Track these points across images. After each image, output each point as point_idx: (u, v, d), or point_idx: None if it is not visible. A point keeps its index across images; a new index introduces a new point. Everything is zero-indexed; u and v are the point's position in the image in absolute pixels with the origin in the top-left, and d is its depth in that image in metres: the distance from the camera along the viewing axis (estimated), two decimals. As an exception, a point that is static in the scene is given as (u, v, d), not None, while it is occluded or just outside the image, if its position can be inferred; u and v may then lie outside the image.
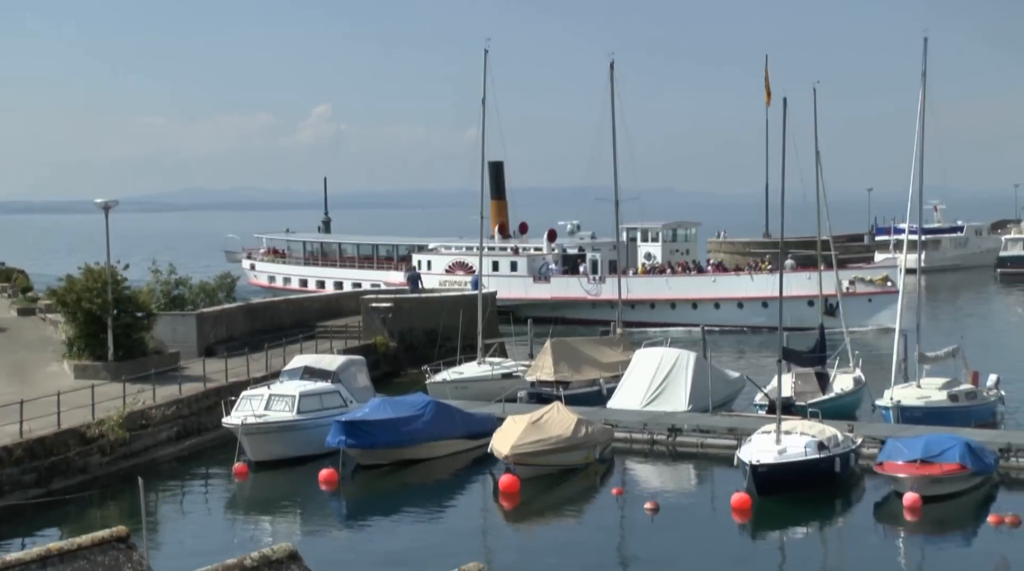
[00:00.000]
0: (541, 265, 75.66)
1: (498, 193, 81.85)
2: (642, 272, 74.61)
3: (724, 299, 69.67)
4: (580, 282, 73.50)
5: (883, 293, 66.66)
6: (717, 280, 70.95)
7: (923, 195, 43.85)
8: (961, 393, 39.25)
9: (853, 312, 61.95)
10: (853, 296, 64.74)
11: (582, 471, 34.49)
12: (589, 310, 68.82)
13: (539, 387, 43.24)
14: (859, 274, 68.46)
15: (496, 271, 74.50)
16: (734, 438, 35.11)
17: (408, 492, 33.87)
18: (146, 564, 10.33)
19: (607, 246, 74.81)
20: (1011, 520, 28.35)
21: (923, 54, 42.39)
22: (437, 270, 78.75)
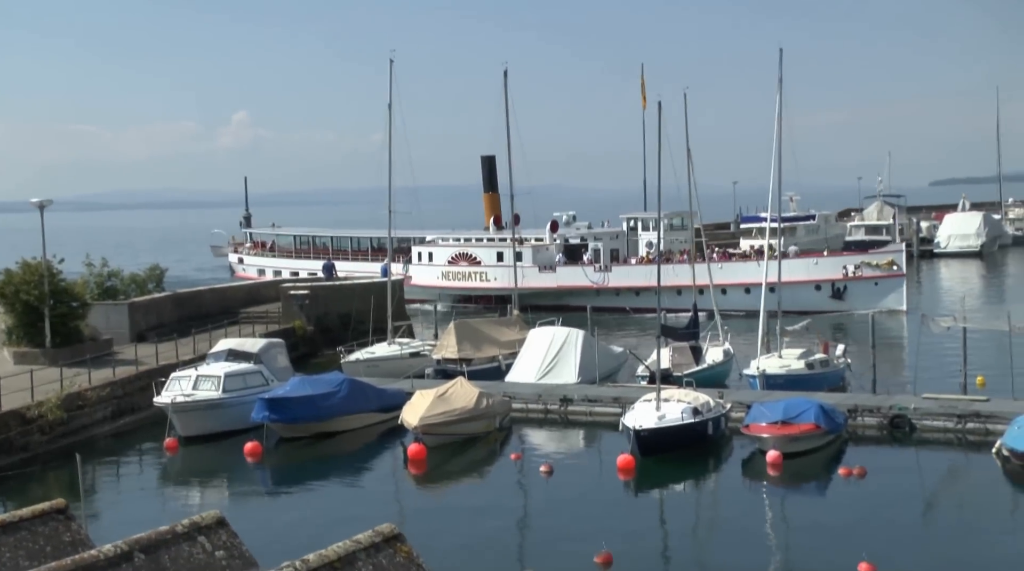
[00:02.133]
0: (555, 255, 71.24)
1: (491, 186, 77.79)
2: (646, 260, 69.42)
3: (731, 285, 65.34)
4: (585, 271, 69.55)
5: (889, 277, 64.27)
6: (724, 267, 66.16)
7: (781, 188, 44.68)
8: (816, 362, 40.14)
9: (860, 295, 62.51)
10: (860, 280, 63.73)
11: (484, 439, 34.61)
12: (593, 298, 63.59)
13: (444, 364, 43.29)
14: (866, 259, 65.65)
15: (501, 262, 70.59)
16: (619, 406, 35.46)
17: (326, 462, 33.69)
18: (84, 533, 10.15)
19: (608, 236, 73.20)
20: (858, 472, 29.13)
21: (779, 63, 43.19)
22: (439, 262, 73.71)
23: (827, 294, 63.89)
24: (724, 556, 23.93)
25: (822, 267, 65.17)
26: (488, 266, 71.39)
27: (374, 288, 52.08)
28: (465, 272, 71.70)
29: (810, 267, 65.17)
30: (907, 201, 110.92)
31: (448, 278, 72.53)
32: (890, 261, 64.57)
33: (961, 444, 32.28)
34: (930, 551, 23.42)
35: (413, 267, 74.29)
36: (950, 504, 27.52)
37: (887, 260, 64.73)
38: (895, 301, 62.67)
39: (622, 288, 67.45)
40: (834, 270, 64.98)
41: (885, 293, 63.51)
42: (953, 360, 40.57)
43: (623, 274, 69.10)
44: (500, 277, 69.14)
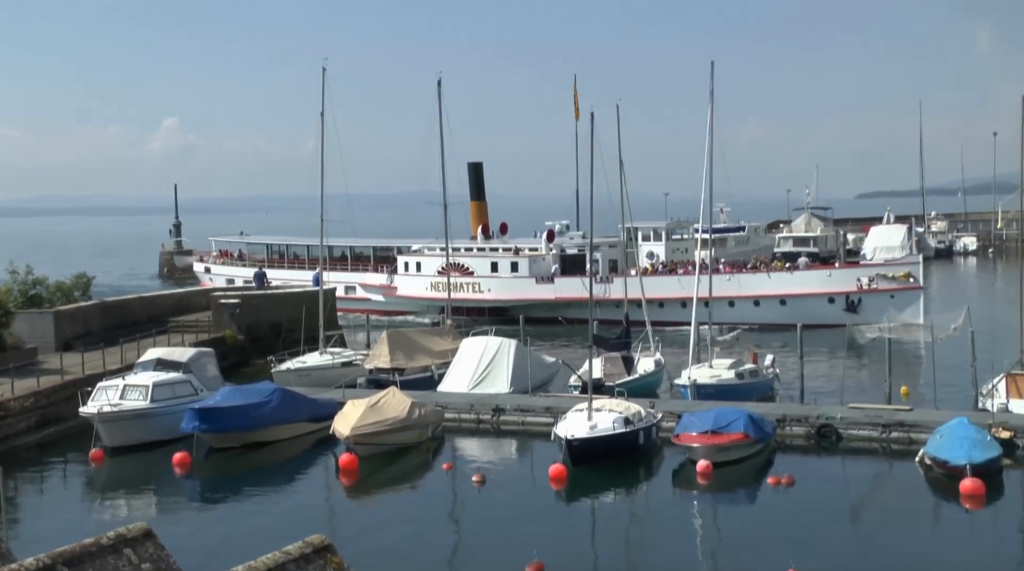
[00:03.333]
0: (551, 266, 68.69)
1: (478, 194, 75.21)
2: (650, 271, 66.88)
3: (740, 297, 62.76)
4: (584, 282, 65.03)
5: (906, 289, 61.12)
6: (732, 278, 63.49)
7: (712, 199, 45.15)
8: (745, 372, 40.59)
9: (876, 308, 58.41)
10: (875, 292, 60.79)
11: (416, 449, 34.48)
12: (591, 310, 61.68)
13: (377, 374, 43.07)
14: (881, 271, 62.59)
15: (495, 272, 68.40)
16: (551, 416, 35.52)
17: (257, 472, 33.32)
18: (4, 547, 9.93)
19: (606, 246, 70.13)
20: (786, 481, 29.47)
21: (711, 76, 43.67)
22: (428, 272, 70.45)
23: (840, 307, 61.16)
24: (655, 565, 24.06)
25: (835, 279, 62.83)
26: (482, 277, 68.68)
27: (306, 297, 51.72)
28: (456, 283, 67.62)
29: (823, 279, 62.98)
30: (834, 213, 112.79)
31: (438, 289, 68.24)
32: (907, 273, 61.85)
33: (886, 453, 32.81)
34: (855, 557, 23.73)
35: (399, 277, 72.27)
36: (875, 512, 27.91)
37: (904, 272, 62.03)
38: (912, 315, 58.19)
39: (620, 299, 63.01)
40: (848, 282, 62.42)
41: (901, 306, 59.60)
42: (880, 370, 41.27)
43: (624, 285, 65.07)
44: (495, 288, 67.11)
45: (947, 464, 28.84)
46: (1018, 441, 31.38)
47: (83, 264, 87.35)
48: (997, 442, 30.26)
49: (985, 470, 28.22)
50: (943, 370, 38.95)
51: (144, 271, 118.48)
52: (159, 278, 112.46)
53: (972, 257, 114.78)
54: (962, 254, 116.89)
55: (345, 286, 74.28)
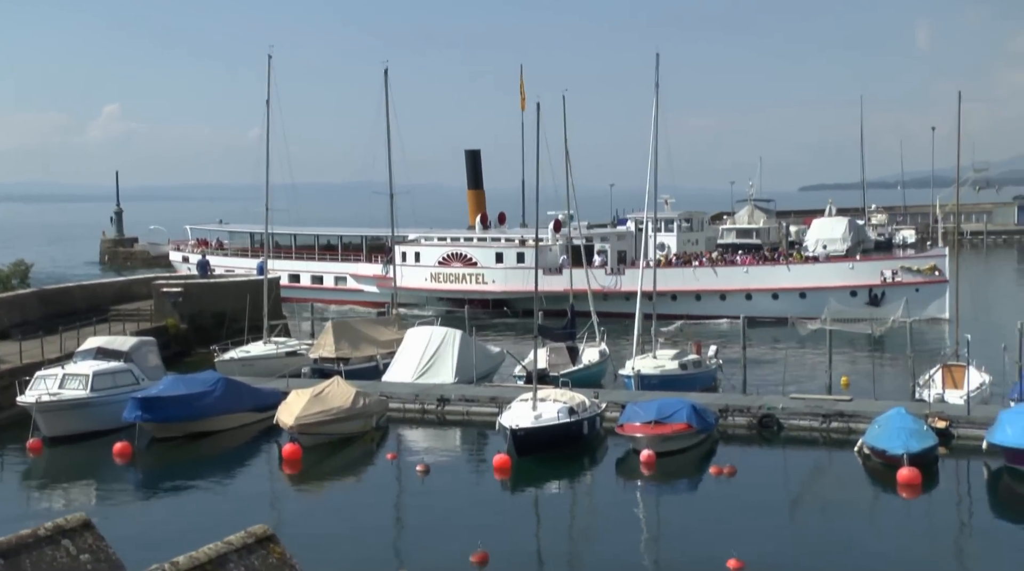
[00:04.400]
0: (559, 256, 65.51)
1: (476, 183, 73.06)
2: (664, 263, 63.81)
3: (758, 290, 60.97)
4: (595, 274, 61.78)
5: (931, 282, 59.41)
6: (750, 271, 61.77)
7: (657, 190, 45.44)
8: (688, 362, 40.91)
9: (899, 302, 55.88)
10: (899, 285, 58.89)
11: (360, 439, 34.39)
12: (601, 303, 55.82)
13: (321, 363, 42.90)
14: (906, 263, 60.85)
15: (500, 263, 65.69)
16: (496, 406, 35.55)
17: (199, 462, 33.02)
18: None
19: (615, 236, 68.51)
20: (728, 471, 29.77)
21: (656, 68, 43.90)
22: (428, 262, 68.18)
23: (863, 301, 59.18)
24: (598, 554, 24.19)
25: (858, 272, 61.01)
26: (486, 268, 66.34)
27: (250, 286, 51.31)
28: (459, 274, 66.24)
29: (845, 272, 61.22)
30: (777, 205, 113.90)
31: (439, 280, 67.30)
32: (932, 266, 60.13)
33: (826, 443, 33.23)
34: (796, 546, 24.05)
35: (396, 268, 68.56)
36: (815, 501, 28.30)
37: (929, 265, 60.32)
38: (937, 309, 57.95)
39: (632, 292, 61.78)
40: (871, 275, 60.74)
41: (926, 300, 58.47)
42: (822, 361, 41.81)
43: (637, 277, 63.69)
44: (499, 279, 64.91)
45: (885, 453, 29.30)
46: (953, 431, 31.94)
47: (21, 251, 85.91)
48: (933, 432, 30.78)
49: (921, 459, 28.71)
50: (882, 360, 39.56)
51: (85, 259, 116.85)
52: (100, 266, 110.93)
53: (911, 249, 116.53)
54: (901, 246, 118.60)
55: (335, 277, 72.59)
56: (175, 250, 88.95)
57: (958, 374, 36.47)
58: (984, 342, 39.68)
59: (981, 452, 29.79)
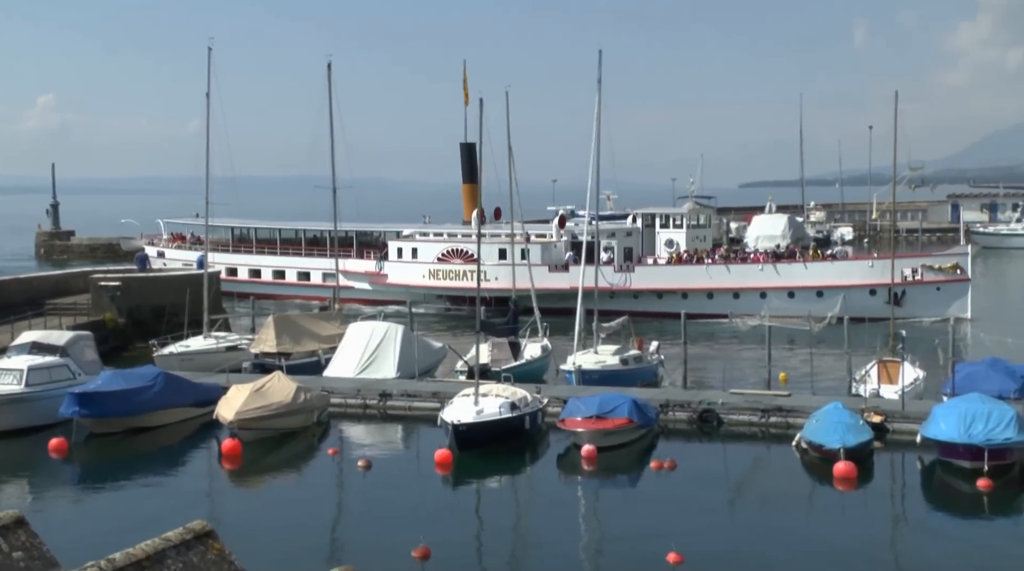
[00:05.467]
0: (564, 253, 64.56)
1: (471, 177, 69.36)
2: (675, 260, 63.39)
3: (773, 288, 59.05)
4: (603, 271, 58.92)
5: (953, 281, 58.03)
6: (764, 268, 60.12)
7: (599, 186, 45.63)
8: (630, 358, 41.14)
9: (921, 301, 56.49)
10: (921, 284, 58.02)
11: (301, 434, 34.21)
12: (606, 301, 54.29)
13: (262, 358, 42.63)
14: (927, 262, 59.20)
15: (503, 260, 62.28)
16: (438, 401, 35.54)
17: (138, 458, 32.66)
18: None
19: (622, 233, 66.60)
20: (668, 465, 30.00)
21: (599, 65, 44.09)
22: (426, 258, 65.83)
23: (883, 299, 56.81)
24: (539, 548, 24.28)
25: (878, 270, 58.75)
26: (488, 265, 61.87)
27: (190, 280, 50.79)
28: (458, 270, 63.71)
29: (865, 270, 59.84)
30: (718, 202, 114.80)
31: (437, 277, 64.80)
32: (954, 264, 58.69)
33: (764, 437, 33.60)
34: (735, 539, 24.28)
35: (390, 264, 68.29)
36: (753, 494, 28.60)
37: (951, 263, 58.81)
38: (959, 308, 56.60)
39: (643, 290, 60.45)
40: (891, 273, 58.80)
41: (948, 299, 57.44)
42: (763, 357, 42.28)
43: (648, 275, 62.30)
44: (502, 276, 61.44)
45: (822, 448, 29.69)
46: (889, 425, 32.44)
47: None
48: (869, 426, 31.25)
49: (857, 453, 29.13)
50: (820, 356, 40.06)
51: (20, 252, 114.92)
52: (36, 260, 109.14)
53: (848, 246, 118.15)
54: (839, 243, 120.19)
55: (323, 273, 70.39)
56: (149, 245, 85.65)
57: (893, 370, 37.07)
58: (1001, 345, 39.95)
59: (915, 446, 30.31)
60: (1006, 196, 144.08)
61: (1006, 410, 29.10)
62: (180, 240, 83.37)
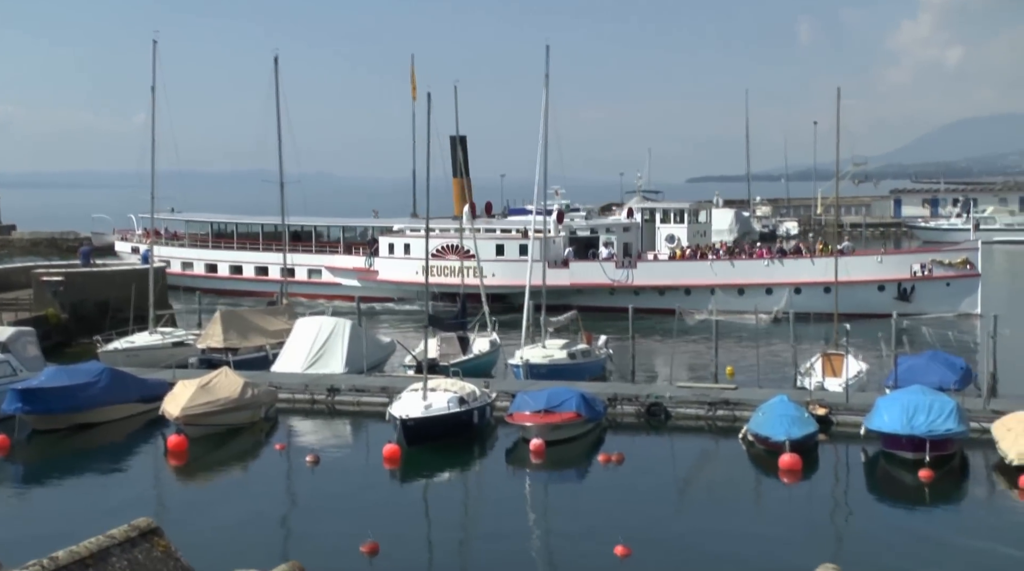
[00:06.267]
0: (563, 249, 63.11)
1: (462, 170, 67.32)
2: (679, 256, 62.20)
3: (778, 284, 58.23)
4: (604, 267, 60.85)
5: (962, 277, 57.19)
6: (771, 264, 59.15)
7: (547, 181, 45.71)
8: (578, 352, 41.28)
9: (930, 297, 55.65)
10: (930, 280, 57.26)
11: (248, 429, 33.97)
12: (606, 297, 55.50)
13: (209, 353, 42.25)
14: (937, 257, 58.47)
15: (501, 256, 62.20)
16: (386, 396, 35.44)
17: (82, 455, 32.23)
18: None
19: (620, 228, 65.27)
20: (616, 458, 30.16)
21: (546, 60, 44.17)
22: (418, 254, 62.02)
23: (892, 295, 57.13)
24: (488, 542, 24.28)
25: (887, 266, 58.78)
26: (485, 261, 60.19)
27: (135, 275, 50.24)
28: (455, 267, 61.16)
29: (873, 266, 58.87)
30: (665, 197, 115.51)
31: (432, 274, 59.83)
32: (964, 259, 57.96)
33: (711, 430, 33.86)
34: (682, 531, 24.46)
35: (381, 261, 66.61)
36: (700, 487, 28.83)
37: (961, 258, 58.14)
38: (969, 304, 55.84)
39: (646, 286, 58.82)
40: (900, 269, 58.60)
41: (958, 295, 56.52)
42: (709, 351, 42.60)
43: (650, 271, 61.05)
44: (500, 273, 61.11)
45: (768, 440, 29.99)
46: (833, 417, 32.83)
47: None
48: (814, 418, 31.62)
49: (802, 445, 29.46)
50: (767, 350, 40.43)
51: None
52: None
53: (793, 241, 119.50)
54: (785, 237, 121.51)
55: (308, 270, 69.32)
56: (122, 240, 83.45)
57: (837, 362, 37.55)
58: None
59: (859, 437, 30.69)
60: (947, 191, 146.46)
61: (947, 402, 29.57)
62: (155, 235, 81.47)
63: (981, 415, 31.16)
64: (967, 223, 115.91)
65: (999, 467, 28.38)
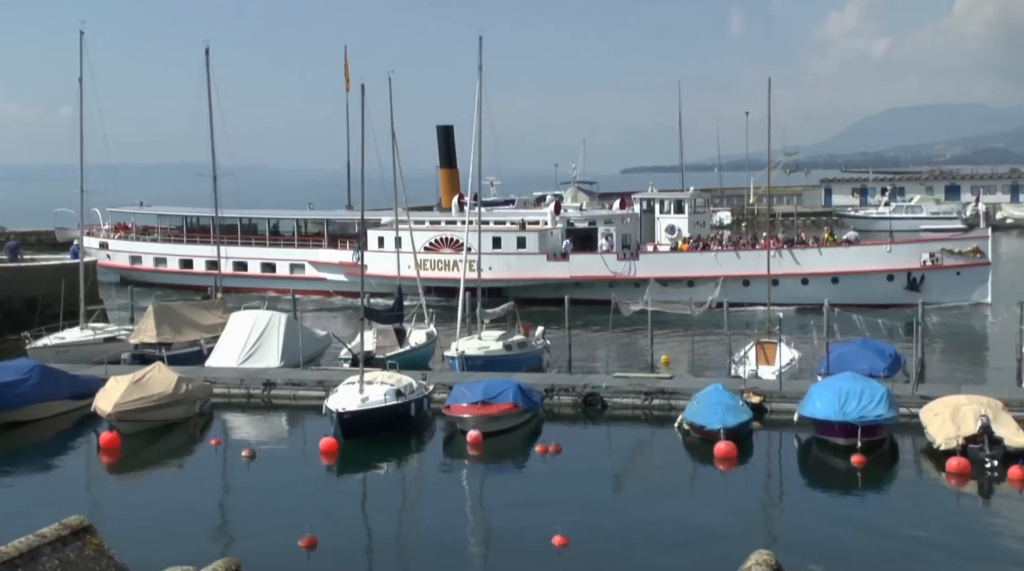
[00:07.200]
0: (560, 241, 61.64)
1: (450, 161, 66.00)
2: (683, 247, 60.60)
3: (785, 275, 56.49)
4: (605, 260, 59.54)
5: (973, 265, 56.15)
6: (777, 255, 56.91)
7: (482, 172, 45.71)
8: (514, 343, 41.36)
9: (940, 286, 54.81)
10: (940, 269, 56.20)
11: (183, 425, 33.60)
12: (605, 290, 52.68)
13: (142, 349, 41.71)
14: (947, 245, 57.40)
15: (498, 248, 60.52)
16: (323, 389, 35.24)
17: (12, 453, 31.58)
18: None
19: (619, 219, 63.64)
20: (553, 448, 30.27)
21: (479, 51, 44.14)
22: (411, 248, 59.03)
23: (902, 285, 56.44)
24: (426, 533, 24.25)
25: (896, 255, 57.69)
26: (481, 253, 58.41)
27: (64, 270, 49.41)
28: (448, 260, 60.34)
29: (882, 255, 58.02)
30: (600, 187, 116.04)
31: (424, 268, 58.64)
32: (974, 248, 56.96)
33: (648, 419, 34.11)
34: (619, 520, 24.60)
35: (370, 254, 61.84)
36: (637, 475, 29.04)
37: (971, 247, 57.12)
38: (980, 294, 55.29)
39: (648, 278, 54.81)
40: (910, 258, 57.45)
41: (968, 284, 55.64)
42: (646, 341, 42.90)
43: (653, 262, 59.65)
44: (496, 266, 59.13)
45: (703, 428, 30.28)
46: (767, 405, 33.25)
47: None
48: (748, 406, 31.99)
49: (737, 433, 29.79)
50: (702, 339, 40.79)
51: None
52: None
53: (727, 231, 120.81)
54: (719, 227, 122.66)
55: (291, 265, 67.77)
56: (88, 235, 77.45)
57: (770, 351, 38.02)
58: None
59: (792, 425, 31.12)
60: (875, 180, 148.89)
61: (877, 388, 30.07)
62: (124, 230, 78.31)
63: (910, 401, 31.72)
64: (895, 212, 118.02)
65: (927, 451, 28.95)
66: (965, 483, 26.77)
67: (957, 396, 30.36)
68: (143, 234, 76.33)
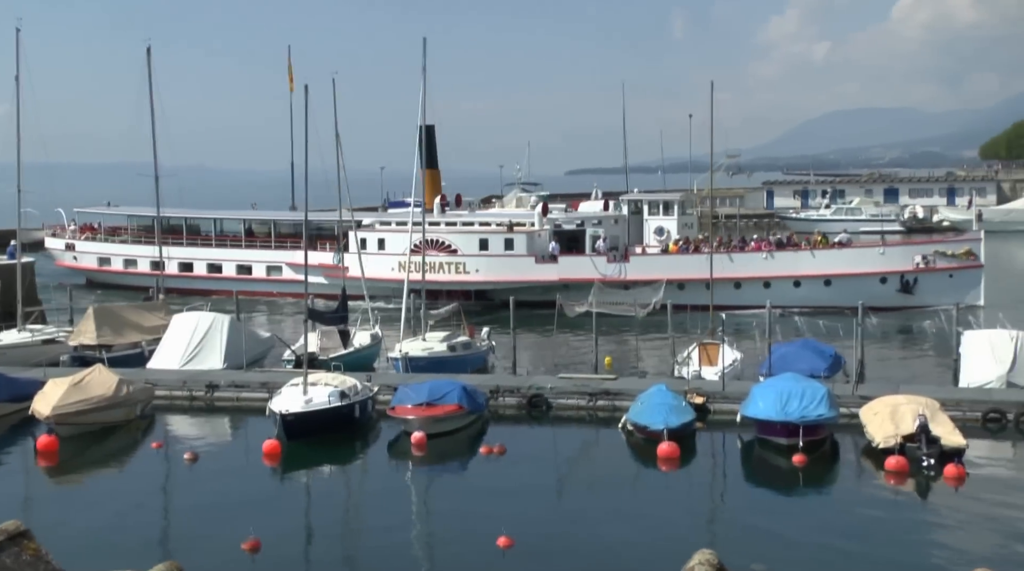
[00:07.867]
0: (548, 243, 60.52)
1: (431, 161, 63.52)
2: (673, 249, 59.77)
3: (777, 277, 56.70)
4: (595, 262, 58.63)
5: (965, 268, 55.98)
6: (768, 257, 57.47)
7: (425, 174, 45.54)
8: (459, 344, 41.33)
9: (933, 289, 54.55)
10: (932, 271, 55.95)
11: (124, 428, 33.18)
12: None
13: (82, 351, 41.14)
14: (939, 248, 57.05)
15: (485, 250, 59.66)
16: (267, 391, 34.97)
17: (-54, 457, 31.07)
18: None
19: (609, 221, 62.74)
20: (498, 450, 30.28)
21: (423, 53, 44.11)
22: (395, 250, 59.32)
23: (894, 287, 56.30)
24: (371, 535, 24.16)
25: (889, 257, 57.46)
26: (468, 255, 59.87)
27: (1, 271, 48.60)
28: (435, 263, 58.48)
29: (874, 257, 57.61)
30: (544, 189, 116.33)
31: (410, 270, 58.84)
32: (967, 250, 56.71)
33: (592, 420, 34.22)
34: (564, 521, 24.66)
35: (352, 256, 59.53)
36: (582, 476, 29.11)
37: (964, 249, 56.90)
38: (973, 296, 54.72)
39: (638, 281, 54.84)
40: (903, 260, 57.18)
41: (961, 287, 54.91)
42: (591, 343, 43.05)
43: (643, 265, 58.88)
44: (484, 268, 59.23)
45: (647, 429, 30.44)
46: (710, 405, 33.49)
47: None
48: (691, 407, 32.21)
49: (680, 433, 29.99)
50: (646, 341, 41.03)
51: None
52: None
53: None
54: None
55: (267, 267, 66.24)
56: (52, 236, 76.81)
57: (713, 352, 38.31)
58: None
59: (735, 425, 31.40)
60: (816, 183, 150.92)
61: (818, 388, 30.42)
62: (91, 231, 76.04)
63: (850, 400, 32.14)
64: (835, 214, 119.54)
65: (866, 450, 29.33)
66: (903, 481, 27.18)
67: (896, 396, 30.81)
68: (111, 235, 74.34)
